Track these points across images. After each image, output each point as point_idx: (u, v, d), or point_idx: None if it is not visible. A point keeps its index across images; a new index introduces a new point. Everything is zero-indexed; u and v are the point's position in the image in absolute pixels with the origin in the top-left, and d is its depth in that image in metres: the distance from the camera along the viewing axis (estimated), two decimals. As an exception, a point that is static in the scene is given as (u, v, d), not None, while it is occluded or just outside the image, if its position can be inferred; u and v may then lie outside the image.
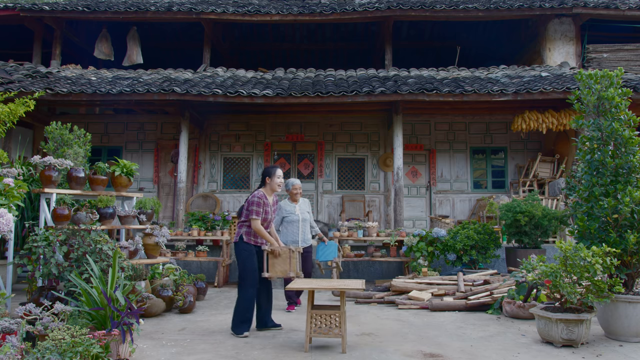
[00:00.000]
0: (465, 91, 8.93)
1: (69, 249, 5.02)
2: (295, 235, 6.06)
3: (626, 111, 5.07)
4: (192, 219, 9.08)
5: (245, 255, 4.88)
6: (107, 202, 5.87)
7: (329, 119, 11.50)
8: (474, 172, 11.51)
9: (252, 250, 4.89)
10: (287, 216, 6.10)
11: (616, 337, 4.72)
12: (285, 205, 6.15)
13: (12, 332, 3.50)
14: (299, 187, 6.22)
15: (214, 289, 7.92)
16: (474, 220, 8.31)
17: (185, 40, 13.57)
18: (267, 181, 5.02)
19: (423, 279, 7.05)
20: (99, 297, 3.91)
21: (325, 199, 11.33)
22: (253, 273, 4.84)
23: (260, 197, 4.90)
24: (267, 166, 5.17)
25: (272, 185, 5.01)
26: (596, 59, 10.93)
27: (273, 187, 5.01)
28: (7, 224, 4.36)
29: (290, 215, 6.10)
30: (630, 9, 10.48)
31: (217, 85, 9.45)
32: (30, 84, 9.24)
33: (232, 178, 11.55)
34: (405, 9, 10.63)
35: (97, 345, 3.37)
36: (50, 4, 11.03)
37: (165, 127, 11.67)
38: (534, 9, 10.58)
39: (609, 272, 4.58)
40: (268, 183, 5.02)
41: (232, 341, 4.63)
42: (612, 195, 4.82)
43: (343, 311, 4.29)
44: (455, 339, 4.75)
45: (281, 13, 10.90)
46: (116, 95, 9.08)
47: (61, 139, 6.29)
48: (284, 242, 5.88)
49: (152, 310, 5.65)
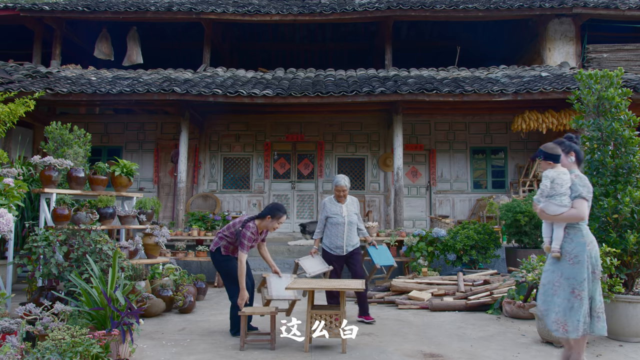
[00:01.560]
0: (465, 91, 8.93)
1: (69, 249, 5.02)
2: (340, 240, 5.47)
3: (626, 111, 5.07)
4: (192, 219, 9.09)
5: (225, 263, 4.88)
6: (107, 202, 5.87)
7: (329, 119, 11.49)
8: (474, 172, 11.51)
9: (230, 257, 4.90)
10: (332, 217, 5.54)
11: (616, 337, 4.71)
12: (331, 205, 5.61)
13: (12, 332, 3.50)
14: (342, 188, 5.54)
15: (214, 289, 7.92)
16: (474, 220, 8.32)
17: (185, 40, 13.56)
18: (267, 219, 4.78)
19: (423, 279, 7.05)
20: (99, 297, 3.91)
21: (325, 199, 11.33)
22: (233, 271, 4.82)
23: (254, 232, 4.73)
24: (277, 205, 4.92)
25: (268, 225, 4.80)
26: (596, 59, 10.93)
27: (269, 227, 4.81)
28: (7, 224, 4.36)
29: (335, 216, 5.53)
30: (630, 9, 10.48)
31: (217, 85, 9.45)
32: (30, 84, 9.24)
33: (232, 178, 11.55)
34: (405, 9, 10.63)
35: (97, 345, 3.37)
36: (50, 4, 11.03)
37: (165, 127, 11.67)
38: (534, 9, 10.58)
39: (609, 272, 4.58)
40: (267, 220, 4.78)
41: (232, 341, 4.63)
42: (612, 195, 4.82)
43: (343, 311, 4.29)
44: (455, 339, 4.75)
45: (281, 13, 10.90)
46: (116, 95, 9.08)
47: (61, 139, 6.29)
48: (327, 245, 5.52)
49: (152, 310, 5.65)
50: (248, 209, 11.21)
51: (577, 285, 3.48)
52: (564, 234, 3.62)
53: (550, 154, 3.72)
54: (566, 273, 3.53)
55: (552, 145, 3.79)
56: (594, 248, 3.56)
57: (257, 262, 8.70)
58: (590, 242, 3.56)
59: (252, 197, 11.35)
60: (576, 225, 3.58)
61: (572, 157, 3.75)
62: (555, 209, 3.62)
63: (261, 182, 11.40)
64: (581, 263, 3.49)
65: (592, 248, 3.55)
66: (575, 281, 3.49)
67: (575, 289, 3.48)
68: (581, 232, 3.57)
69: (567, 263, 3.54)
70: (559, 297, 3.52)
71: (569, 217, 3.58)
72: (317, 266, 5.38)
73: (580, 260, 3.50)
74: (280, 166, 11.51)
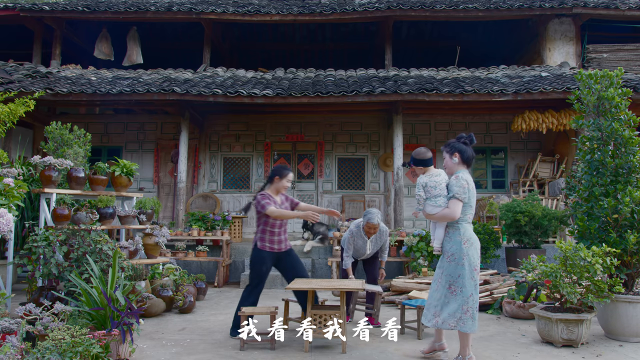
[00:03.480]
0: (465, 91, 8.93)
1: (69, 249, 5.02)
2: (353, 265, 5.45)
3: (626, 111, 5.07)
4: (192, 219, 9.08)
5: (254, 261, 4.81)
6: (107, 202, 5.87)
7: (329, 119, 11.49)
8: (474, 172, 11.50)
9: (264, 257, 4.78)
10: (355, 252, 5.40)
11: (616, 337, 4.72)
12: (357, 238, 5.33)
13: (12, 332, 3.50)
14: (374, 226, 5.19)
15: (214, 289, 7.92)
16: (474, 221, 8.30)
17: (185, 40, 13.56)
18: (275, 180, 4.80)
19: (423, 278, 7.04)
20: (99, 297, 3.91)
21: (325, 199, 11.33)
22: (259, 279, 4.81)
23: (267, 196, 4.74)
24: (281, 165, 4.93)
25: (278, 186, 4.80)
26: (596, 59, 10.93)
27: (279, 187, 4.81)
28: (7, 224, 4.36)
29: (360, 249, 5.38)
30: (630, 9, 10.47)
31: (217, 85, 9.45)
32: (30, 84, 9.24)
33: (232, 178, 11.55)
34: (405, 9, 10.63)
35: (97, 345, 3.37)
36: (50, 4, 11.03)
37: (165, 127, 11.67)
38: (534, 9, 10.58)
39: (609, 272, 4.58)
40: (275, 182, 4.81)
41: (232, 341, 4.63)
42: (612, 195, 4.82)
43: (343, 311, 4.29)
44: (455, 339, 4.75)
45: (281, 13, 10.90)
46: (116, 95, 9.08)
47: (61, 139, 6.29)
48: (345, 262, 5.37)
49: (152, 310, 5.65)
50: (248, 209, 11.20)
51: (453, 282, 3.73)
52: (445, 233, 3.85)
53: (419, 159, 3.96)
54: (446, 270, 3.80)
55: (423, 150, 4.02)
56: (472, 246, 3.75)
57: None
58: (467, 240, 3.75)
59: (252, 197, 11.34)
60: (455, 224, 3.78)
61: (455, 158, 3.87)
62: (430, 210, 3.86)
63: (261, 182, 11.39)
64: (457, 261, 3.72)
65: (469, 246, 3.74)
66: (452, 278, 3.74)
67: (451, 285, 3.74)
68: (459, 232, 3.76)
69: (446, 261, 3.80)
70: (439, 292, 3.83)
71: (443, 216, 3.78)
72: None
73: (456, 258, 3.73)
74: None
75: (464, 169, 3.86)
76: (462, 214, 3.76)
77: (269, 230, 4.76)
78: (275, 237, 4.78)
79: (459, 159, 3.85)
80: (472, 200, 3.80)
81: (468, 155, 3.86)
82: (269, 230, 4.76)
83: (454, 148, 3.87)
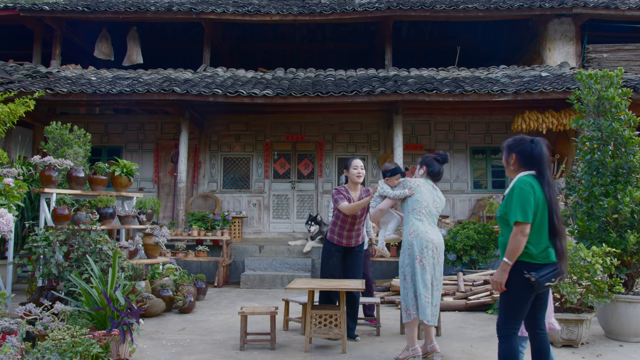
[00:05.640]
0: (465, 91, 8.93)
1: (69, 249, 5.02)
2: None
3: (626, 111, 5.07)
4: (192, 219, 9.09)
5: (322, 253, 4.97)
6: (107, 202, 5.87)
7: (329, 119, 11.49)
8: (474, 172, 11.51)
9: (332, 249, 4.82)
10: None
11: (616, 337, 4.72)
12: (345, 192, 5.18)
13: (12, 332, 3.50)
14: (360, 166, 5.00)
15: (214, 289, 7.93)
16: (474, 220, 8.32)
17: (185, 40, 13.55)
18: (344, 173, 4.83)
19: (423, 279, 7.03)
20: (99, 297, 3.91)
21: (325, 199, 11.33)
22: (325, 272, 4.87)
23: (341, 191, 4.72)
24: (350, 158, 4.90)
25: (350, 177, 4.76)
26: (596, 59, 10.93)
27: (352, 179, 4.75)
28: (7, 224, 4.36)
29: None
30: (630, 9, 10.47)
31: (217, 85, 9.45)
32: (30, 84, 9.23)
33: (232, 178, 11.54)
34: (405, 9, 10.63)
35: (97, 345, 3.37)
36: (50, 4, 11.03)
37: (165, 127, 11.66)
38: (534, 9, 10.57)
39: (609, 272, 4.58)
40: (346, 175, 4.80)
41: (232, 341, 4.63)
42: (612, 195, 4.82)
43: (343, 311, 4.29)
44: (455, 339, 4.75)
45: (281, 13, 10.90)
46: (116, 95, 9.08)
47: (61, 139, 6.29)
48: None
49: (152, 310, 5.65)
50: (248, 208, 11.21)
51: (402, 270, 4.06)
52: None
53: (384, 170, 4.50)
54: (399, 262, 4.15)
55: (387, 164, 4.61)
56: (417, 237, 4.02)
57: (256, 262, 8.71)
58: (413, 232, 4.05)
59: (252, 197, 11.34)
60: (407, 220, 4.15)
61: (421, 170, 4.29)
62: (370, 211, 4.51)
63: (261, 182, 11.40)
64: (404, 252, 4.08)
65: (414, 237, 4.03)
66: (402, 268, 4.08)
67: (405, 275, 4.05)
68: (407, 225, 4.12)
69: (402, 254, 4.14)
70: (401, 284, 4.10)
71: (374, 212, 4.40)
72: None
73: (404, 249, 4.08)
74: (280, 166, 11.50)
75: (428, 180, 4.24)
76: (410, 209, 4.12)
77: (339, 225, 4.78)
78: (345, 232, 4.77)
79: (425, 171, 4.26)
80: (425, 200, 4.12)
81: (434, 170, 4.25)
82: (339, 225, 4.78)
83: (424, 162, 4.30)
